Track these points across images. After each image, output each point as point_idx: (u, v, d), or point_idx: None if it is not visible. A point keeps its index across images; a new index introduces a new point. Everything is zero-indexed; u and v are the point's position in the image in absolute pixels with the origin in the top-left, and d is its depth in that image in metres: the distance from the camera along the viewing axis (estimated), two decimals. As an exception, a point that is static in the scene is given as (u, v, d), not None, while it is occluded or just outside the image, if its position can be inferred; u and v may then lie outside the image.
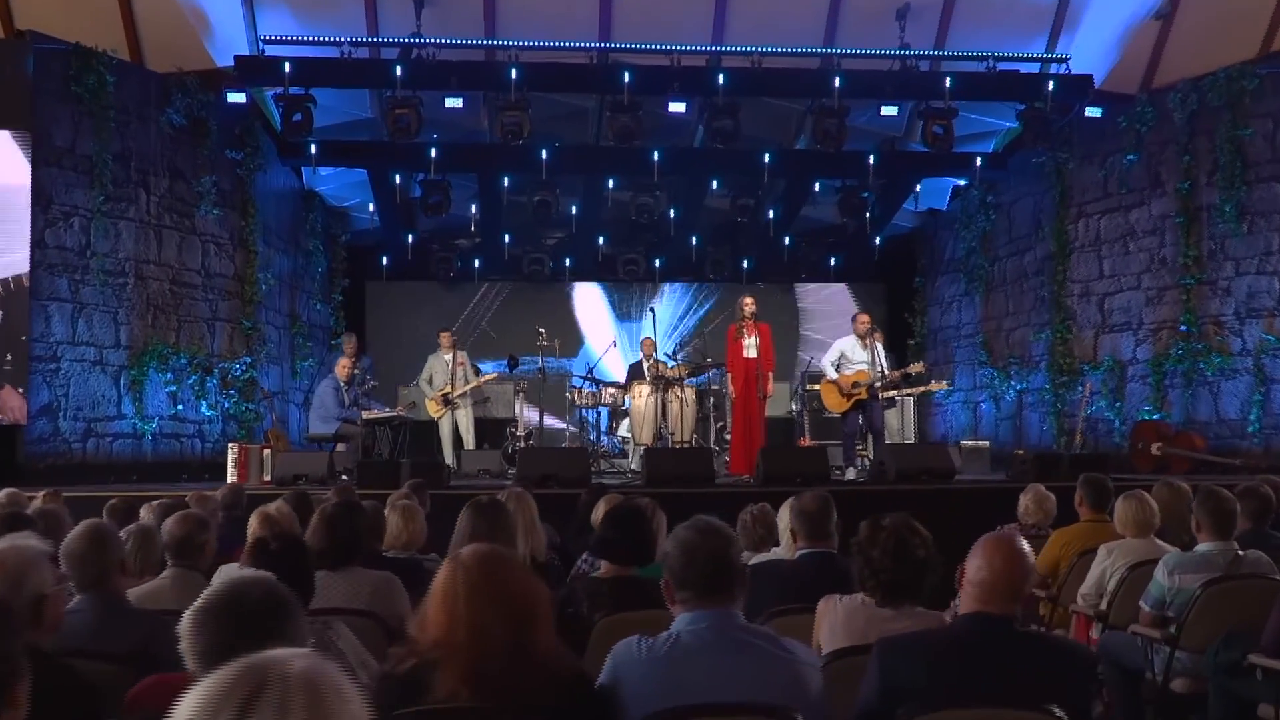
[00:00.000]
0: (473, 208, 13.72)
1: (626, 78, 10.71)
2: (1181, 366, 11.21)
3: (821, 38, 11.59)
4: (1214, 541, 4.45)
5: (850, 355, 10.07)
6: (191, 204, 11.21)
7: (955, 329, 14.59)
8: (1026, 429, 12.99)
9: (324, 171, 13.15)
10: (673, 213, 13.89)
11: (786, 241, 14.75)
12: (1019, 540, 2.69)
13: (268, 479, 9.29)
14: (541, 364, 11.51)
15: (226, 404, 11.47)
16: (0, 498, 5.83)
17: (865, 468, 10.31)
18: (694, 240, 14.71)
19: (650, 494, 5.28)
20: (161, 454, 10.73)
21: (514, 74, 10.58)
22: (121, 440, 10.43)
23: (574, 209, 13.72)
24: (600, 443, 12.05)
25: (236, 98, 10.78)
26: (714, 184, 13.45)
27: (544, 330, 11.60)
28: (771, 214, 13.99)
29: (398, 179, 12.89)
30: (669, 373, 11.04)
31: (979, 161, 12.32)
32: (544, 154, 11.47)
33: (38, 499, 6.26)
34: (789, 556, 4.10)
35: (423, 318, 14.28)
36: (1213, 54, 11.06)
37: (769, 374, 10.29)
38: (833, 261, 15.17)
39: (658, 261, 15.08)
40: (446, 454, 11.20)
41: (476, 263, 14.84)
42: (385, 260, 14.54)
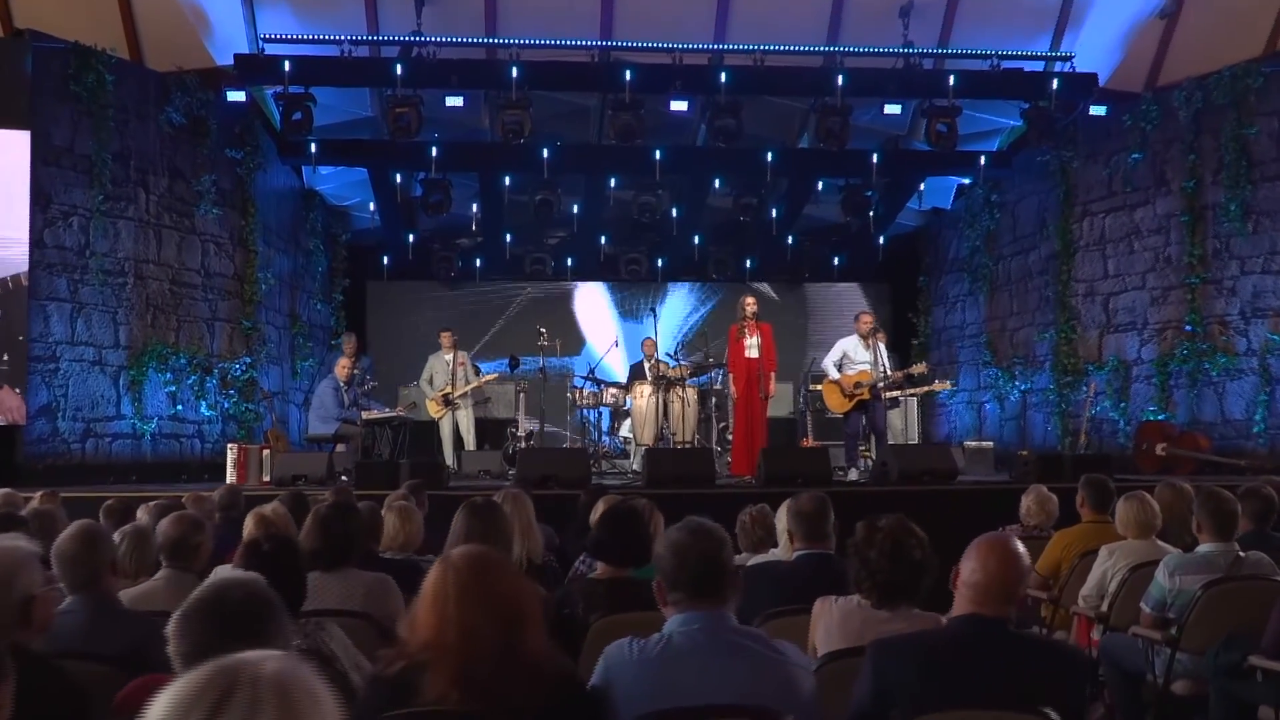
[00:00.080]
0: (474, 207, 13.69)
1: (628, 76, 10.67)
2: (1186, 367, 11.16)
3: (824, 36, 11.55)
4: (1215, 543, 4.42)
5: (853, 355, 10.02)
6: (191, 203, 11.18)
7: (959, 329, 14.54)
8: (1031, 429, 12.93)
9: (324, 171, 13.14)
10: (675, 212, 13.86)
11: (790, 241, 14.73)
12: (1013, 541, 2.69)
13: (267, 480, 9.26)
14: (542, 364, 11.44)
15: (226, 404, 11.44)
16: (-5, 498, 5.81)
17: (868, 468, 10.25)
18: (697, 240, 14.66)
19: (651, 495, 5.24)
20: (161, 454, 10.70)
21: (515, 72, 10.55)
22: (121, 441, 10.40)
23: (576, 208, 13.67)
24: (602, 443, 12.00)
25: (236, 96, 10.77)
26: (716, 183, 13.41)
27: (545, 330, 11.54)
28: (774, 213, 13.95)
29: (398, 178, 12.87)
30: (671, 373, 10.98)
31: (983, 160, 12.30)
32: (545, 153, 11.45)
33: (34, 499, 6.24)
34: (786, 558, 4.06)
35: (424, 318, 14.24)
36: (1218, 52, 11.01)
37: (771, 374, 10.24)
38: (836, 261, 15.13)
39: (660, 261, 15.04)
40: (447, 454, 11.16)
41: (478, 262, 14.80)
42: (386, 260, 14.53)
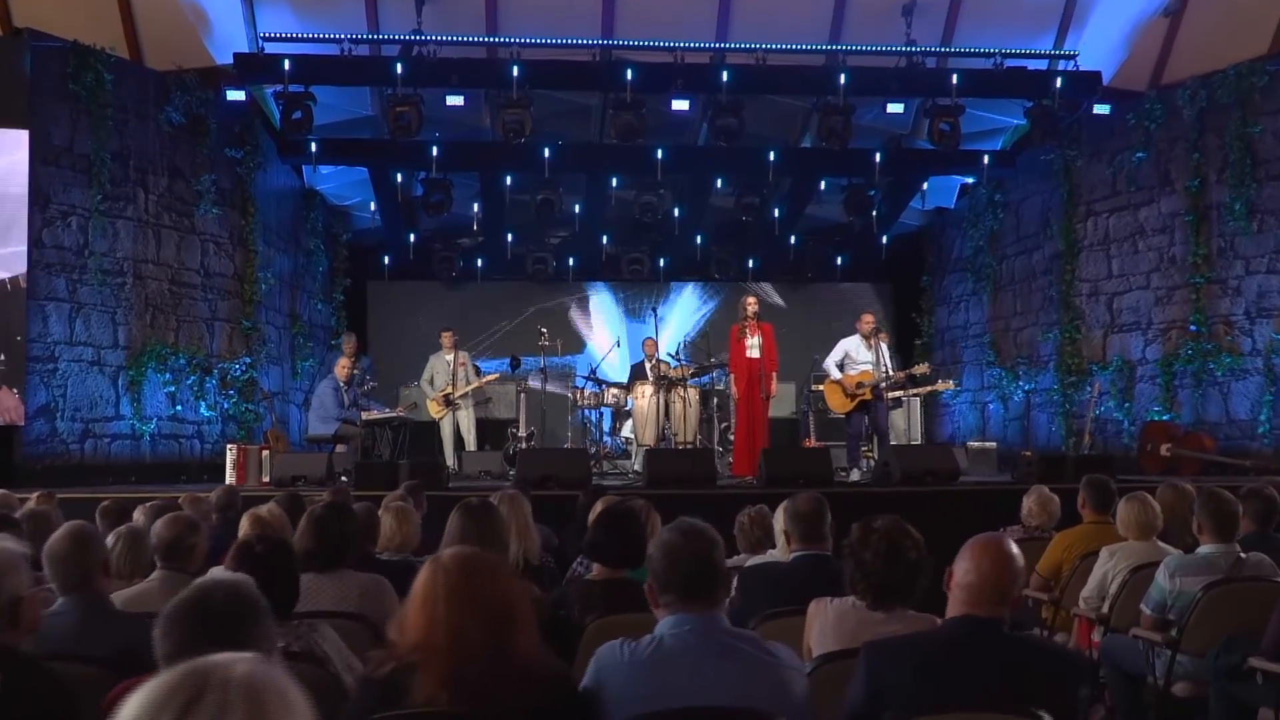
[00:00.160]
0: (475, 207, 13.65)
1: (629, 75, 10.63)
2: (1191, 367, 11.10)
3: (827, 34, 11.51)
4: (1215, 544, 4.40)
5: (854, 355, 9.97)
6: (190, 203, 11.14)
7: (963, 329, 14.48)
8: (1035, 430, 12.87)
9: (325, 170, 13.11)
10: (677, 212, 13.82)
11: (792, 241, 14.68)
12: (1006, 542, 2.67)
13: (267, 480, 9.22)
14: (543, 364, 11.39)
15: (226, 405, 11.40)
16: (-10, 500, 5.77)
17: (870, 469, 10.19)
18: (699, 239, 14.61)
19: (651, 495, 5.19)
20: (160, 455, 10.66)
21: (516, 71, 10.52)
22: (120, 441, 10.36)
23: (577, 208, 13.63)
24: (604, 443, 11.95)
25: (236, 95, 10.74)
26: (718, 182, 13.37)
27: (546, 330, 11.49)
28: (777, 213, 13.92)
29: (399, 177, 12.86)
30: (672, 373, 10.93)
31: (986, 159, 12.26)
32: (546, 152, 11.42)
33: (31, 500, 6.20)
34: (784, 559, 4.04)
35: (425, 318, 14.19)
36: (1222, 50, 10.96)
37: (772, 374, 10.19)
38: (839, 261, 15.08)
39: (662, 261, 14.99)
40: (448, 455, 11.11)
41: (479, 262, 14.76)
42: (387, 260, 14.50)
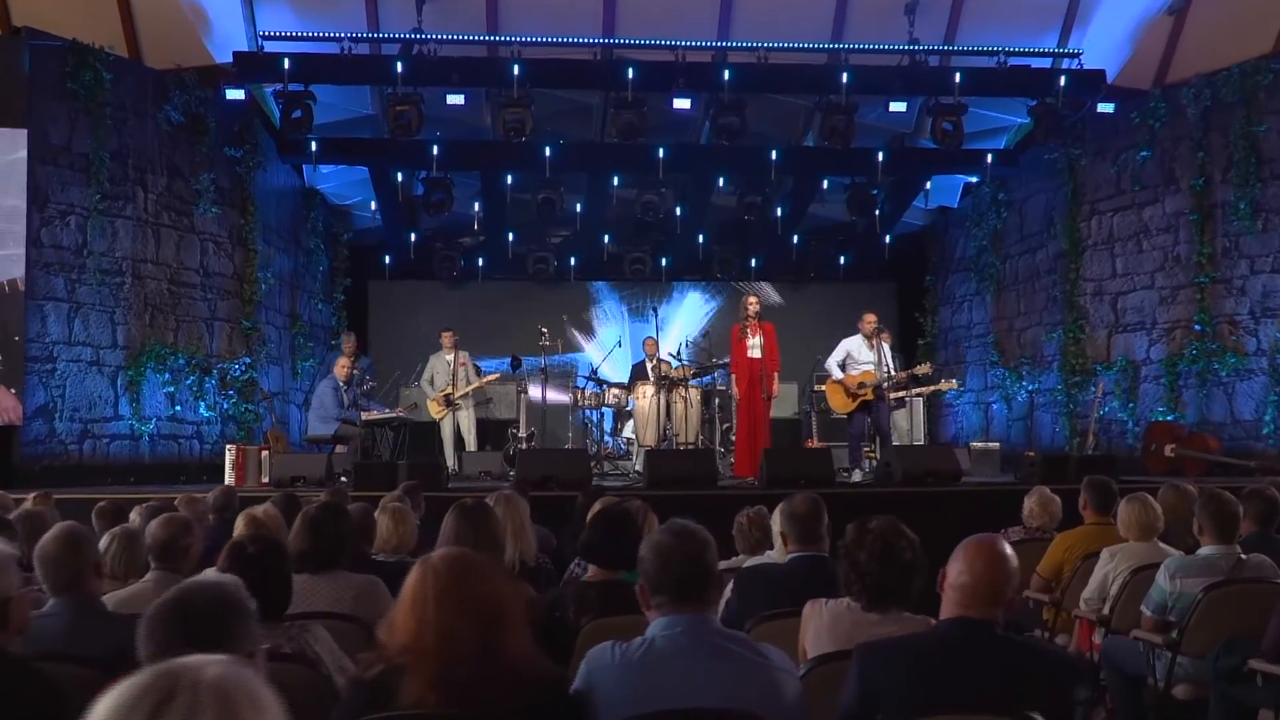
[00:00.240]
0: (476, 206, 13.61)
1: (631, 74, 10.58)
2: (1195, 367, 11.04)
3: (829, 33, 11.45)
4: (1216, 545, 4.38)
5: (856, 355, 9.92)
6: (190, 202, 11.10)
7: (966, 328, 14.41)
8: (1038, 430, 12.81)
9: (325, 169, 13.07)
10: (679, 211, 13.77)
11: (795, 240, 14.62)
12: (1000, 543, 2.66)
13: (266, 481, 9.17)
14: (544, 364, 11.33)
15: (225, 405, 11.36)
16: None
17: (872, 469, 10.13)
18: (701, 239, 14.56)
19: (652, 496, 5.14)
20: (159, 455, 10.62)
21: (516, 70, 10.48)
22: (119, 442, 10.32)
23: (579, 207, 13.58)
24: (605, 444, 11.89)
25: (235, 94, 10.69)
26: (720, 181, 13.33)
27: (547, 330, 11.43)
28: (779, 212, 13.87)
29: (399, 177, 12.81)
30: (673, 373, 10.86)
31: (990, 158, 12.20)
32: (547, 151, 11.37)
33: (27, 501, 6.16)
34: (781, 560, 4.01)
35: (425, 318, 14.13)
36: (1227, 49, 10.91)
37: (774, 374, 10.13)
38: (842, 260, 15.01)
39: (664, 261, 14.93)
40: (448, 455, 11.06)
41: (480, 261, 14.71)
42: (388, 259, 14.46)
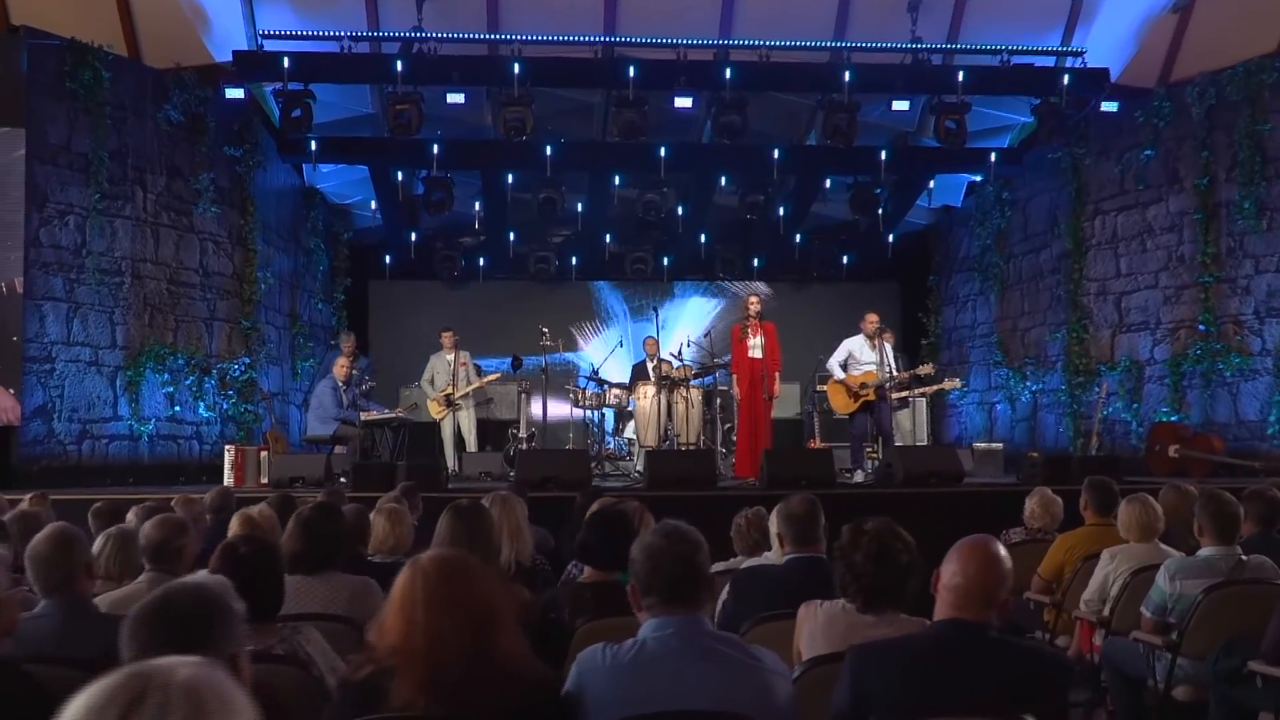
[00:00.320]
0: (476, 205, 13.57)
1: (632, 72, 10.55)
2: (1200, 367, 10.98)
3: (831, 31, 11.42)
4: (1216, 546, 4.35)
5: (858, 355, 9.87)
6: (189, 202, 11.06)
7: (970, 328, 14.35)
8: (1042, 430, 12.75)
9: (325, 168, 13.04)
10: (681, 210, 13.72)
11: (797, 239, 14.57)
12: (994, 544, 2.65)
13: (265, 481, 9.13)
14: (545, 364, 11.28)
15: (225, 405, 11.32)
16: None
17: (874, 470, 10.07)
18: (703, 238, 14.52)
19: (652, 497, 5.09)
20: (158, 456, 10.58)
21: (517, 69, 10.45)
22: (117, 442, 10.28)
23: (580, 206, 13.53)
24: (606, 444, 11.84)
25: (235, 94, 10.68)
26: (722, 181, 13.26)
27: (547, 330, 11.38)
28: (782, 211, 13.82)
29: (400, 176, 12.77)
30: (674, 373, 10.81)
31: (993, 157, 12.13)
32: (548, 150, 11.33)
33: (24, 502, 6.11)
34: (778, 561, 3.97)
35: (426, 317, 14.08)
36: (1231, 47, 10.87)
37: (775, 374, 10.08)
38: (845, 259, 14.95)
39: (666, 260, 14.88)
40: (448, 456, 11.01)
41: (481, 261, 14.67)
42: (388, 259, 14.43)
